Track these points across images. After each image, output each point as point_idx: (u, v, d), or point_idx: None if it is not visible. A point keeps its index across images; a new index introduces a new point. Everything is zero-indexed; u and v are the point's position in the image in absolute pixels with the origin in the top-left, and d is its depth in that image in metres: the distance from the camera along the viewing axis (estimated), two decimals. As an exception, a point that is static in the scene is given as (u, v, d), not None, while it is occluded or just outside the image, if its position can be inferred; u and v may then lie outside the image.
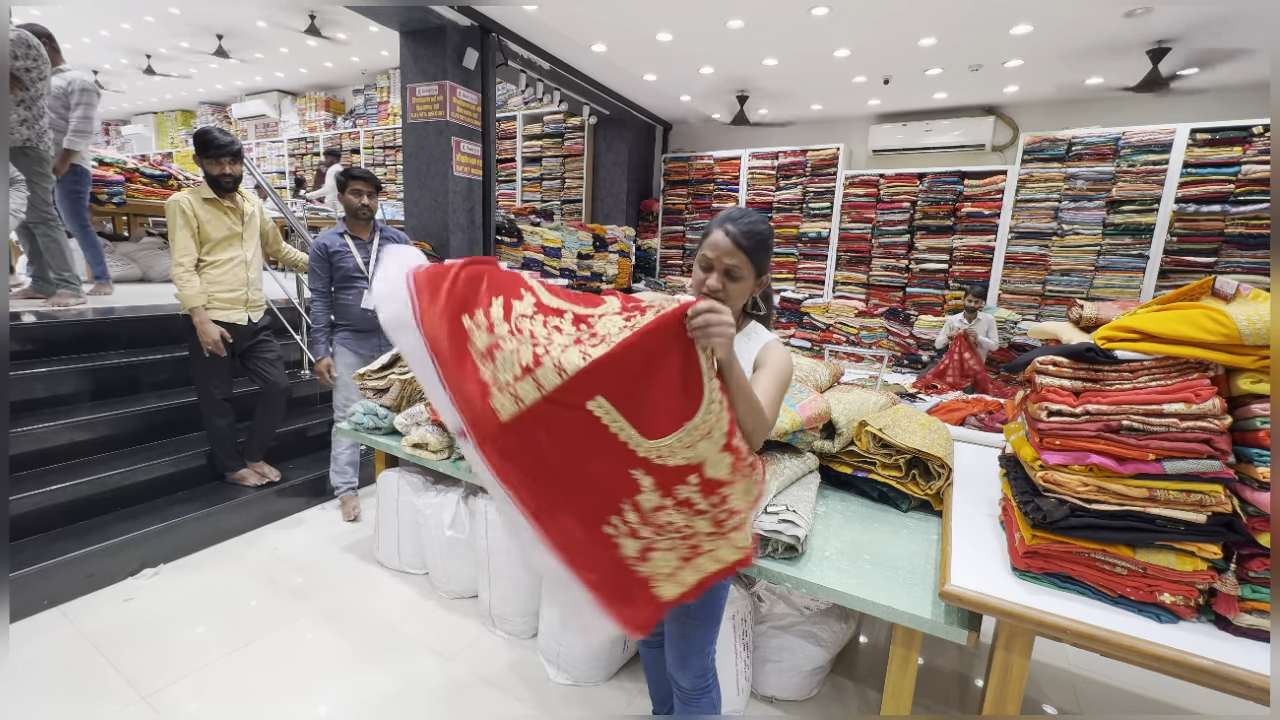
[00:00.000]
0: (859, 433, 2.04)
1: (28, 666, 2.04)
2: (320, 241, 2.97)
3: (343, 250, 2.97)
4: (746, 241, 1.24)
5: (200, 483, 3.08)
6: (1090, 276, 5.59)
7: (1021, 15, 4.03)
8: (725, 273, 1.26)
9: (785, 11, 4.16)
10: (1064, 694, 2.10)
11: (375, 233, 3.07)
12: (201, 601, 2.45)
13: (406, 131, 4.93)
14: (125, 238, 5.86)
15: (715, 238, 1.26)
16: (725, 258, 1.24)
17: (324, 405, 3.97)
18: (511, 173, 8.15)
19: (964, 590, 1.32)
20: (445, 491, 2.57)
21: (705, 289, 1.27)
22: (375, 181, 3.00)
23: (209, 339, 2.72)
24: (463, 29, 4.64)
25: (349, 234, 3.01)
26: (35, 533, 2.52)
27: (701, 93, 6.21)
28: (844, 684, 2.10)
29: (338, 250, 2.96)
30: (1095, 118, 5.68)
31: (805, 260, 7.05)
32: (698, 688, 1.44)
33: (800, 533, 1.61)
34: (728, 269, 1.25)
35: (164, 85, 9.85)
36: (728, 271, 1.26)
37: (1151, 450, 1.22)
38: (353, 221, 3.02)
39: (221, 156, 2.70)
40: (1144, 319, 1.29)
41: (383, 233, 3.10)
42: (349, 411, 2.73)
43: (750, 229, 1.25)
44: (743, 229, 1.25)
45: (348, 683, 2.04)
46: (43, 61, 3.33)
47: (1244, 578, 1.20)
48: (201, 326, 2.72)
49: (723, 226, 1.26)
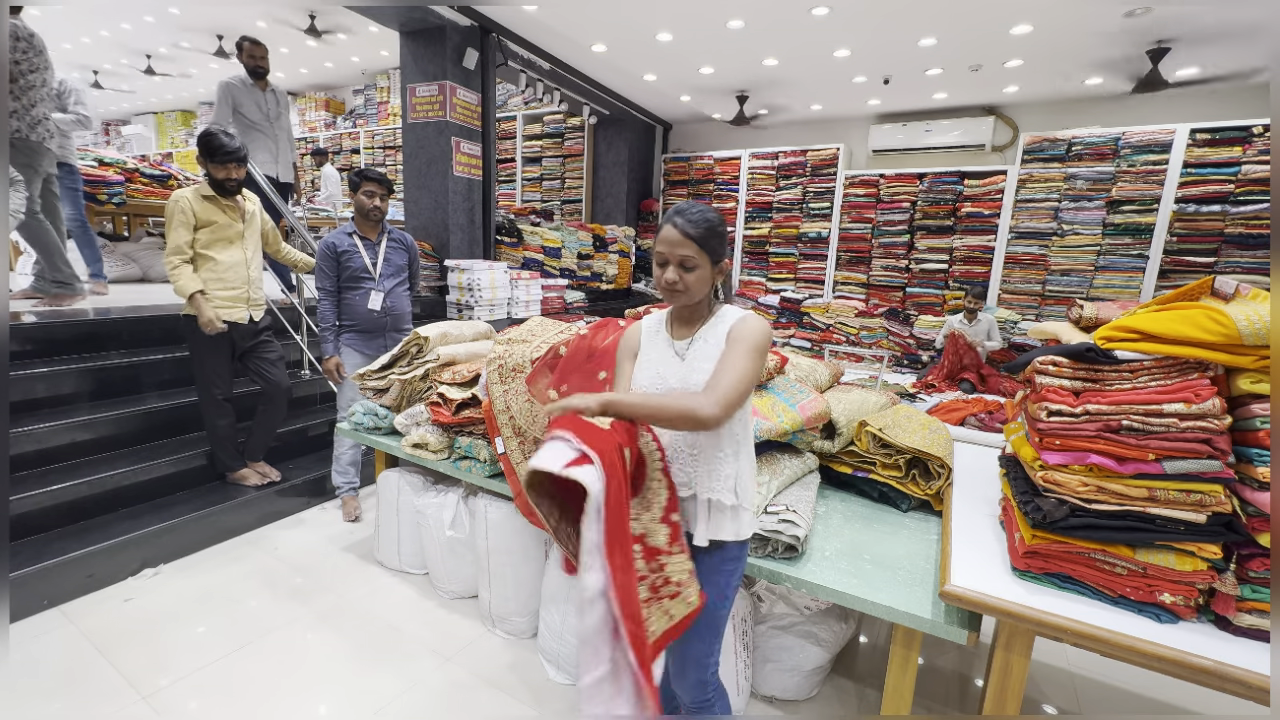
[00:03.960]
0: (859, 433, 2.04)
1: (28, 666, 2.04)
2: (329, 241, 2.97)
3: (351, 250, 2.97)
4: (695, 231, 1.27)
5: (200, 483, 3.08)
6: (1090, 276, 5.59)
7: (1021, 15, 4.04)
8: (680, 264, 1.29)
9: (785, 11, 4.16)
10: (1064, 694, 2.10)
11: (383, 234, 3.08)
12: (201, 601, 2.45)
13: (406, 131, 4.94)
14: (125, 238, 5.86)
15: (666, 232, 1.29)
16: (678, 249, 1.27)
17: (324, 405, 3.96)
18: (511, 173, 8.15)
19: (964, 590, 1.32)
20: (445, 491, 2.57)
21: (664, 283, 1.31)
22: (388, 184, 3.02)
23: (205, 319, 2.70)
24: (463, 29, 4.64)
25: (357, 234, 3.01)
26: (35, 533, 2.52)
27: (701, 93, 6.21)
28: (844, 684, 2.10)
29: (346, 250, 2.96)
30: (1095, 118, 5.68)
31: (805, 260, 7.06)
32: (696, 701, 1.40)
33: (800, 533, 1.61)
34: (681, 260, 1.28)
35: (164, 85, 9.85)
36: (682, 263, 1.28)
37: (1151, 450, 1.22)
38: (362, 222, 3.02)
39: (228, 162, 2.71)
40: (1144, 319, 1.29)
41: (390, 234, 3.11)
42: (349, 411, 2.73)
43: (699, 218, 1.28)
44: (690, 219, 1.28)
45: (348, 683, 2.03)
46: (35, 53, 3.30)
47: (1244, 578, 1.20)
48: (200, 310, 2.70)
49: (671, 220, 1.29)
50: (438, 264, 4.95)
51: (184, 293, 2.70)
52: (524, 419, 2.03)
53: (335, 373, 3.01)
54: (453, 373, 2.43)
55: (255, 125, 4.41)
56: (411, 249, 3.21)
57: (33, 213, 3.50)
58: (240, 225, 2.87)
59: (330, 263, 2.96)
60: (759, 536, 1.65)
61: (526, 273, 5.30)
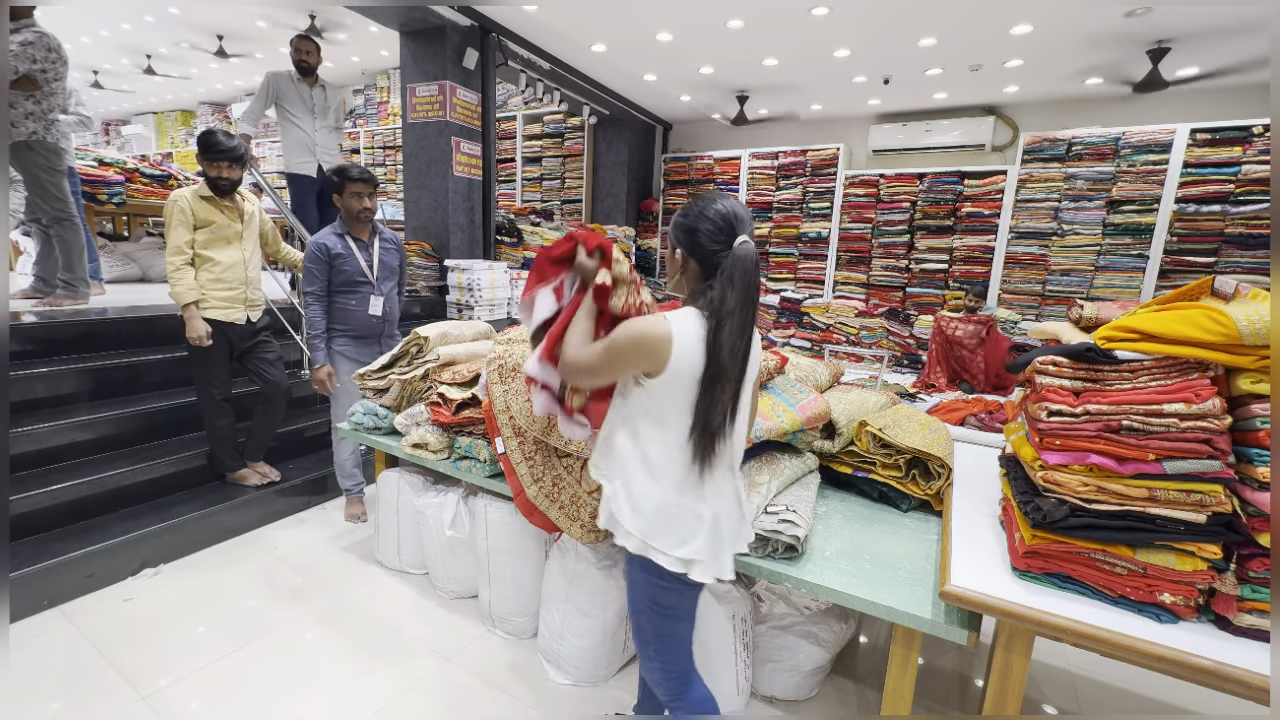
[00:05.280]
0: (859, 433, 2.04)
1: (28, 666, 2.04)
2: (320, 242, 2.78)
3: (345, 253, 2.81)
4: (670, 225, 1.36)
5: (200, 483, 3.08)
6: (1090, 276, 5.59)
7: (1021, 15, 4.03)
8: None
9: (785, 11, 4.16)
10: (1064, 694, 2.10)
11: (374, 234, 2.93)
12: (201, 601, 2.45)
13: (406, 131, 4.94)
14: (125, 238, 5.86)
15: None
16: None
17: (323, 405, 3.96)
18: (511, 173, 8.15)
19: (964, 590, 1.32)
20: (445, 491, 2.57)
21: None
22: (375, 181, 2.85)
23: (194, 334, 2.72)
24: (463, 29, 4.64)
25: (349, 235, 2.84)
26: (35, 533, 2.52)
27: (701, 93, 6.21)
28: (844, 684, 2.10)
29: (340, 253, 2.79)
30: (1095, 118, 5.68)
31: (805, 260, 7.06)
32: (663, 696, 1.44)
33: (800, 533, 1.61)
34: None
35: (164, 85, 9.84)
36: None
37: (1151, 450, 1.22)
38: (353, 224, 2.85)
39: (220, 160, 2.70)
40: (1144, 319, 1.29)
41: (381, 234, 2.97)
42: (349, 411, 2.72)
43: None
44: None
45: (348, 682, 2.03)
46: (61, 63, 3.38)
47: (1244, 578, 1.20)
48: (190, 322, 2.71)
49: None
50: (438, 264, 4.95)
51: (179, 301, 2.70)
52: (524, 419, 2.03)
53: (327, 382, 2.85)
54: (453, 373, 2.43)
55: (296, 121, 4.40)
56: (401, 250, 3.07)
57: (64, 217, 3.54)
58: (239, 225, 2.87)
59: (322, 266, 2.77)
60: (759, 536, 1.65)
61: (526, 273, 5.30)
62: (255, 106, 4.37)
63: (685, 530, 1.26)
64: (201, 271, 2.77)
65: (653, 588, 1.33)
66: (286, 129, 4.44)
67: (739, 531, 1.35)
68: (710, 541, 1.27)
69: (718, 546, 1.28)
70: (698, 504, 1.26)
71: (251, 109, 4.37)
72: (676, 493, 1.26)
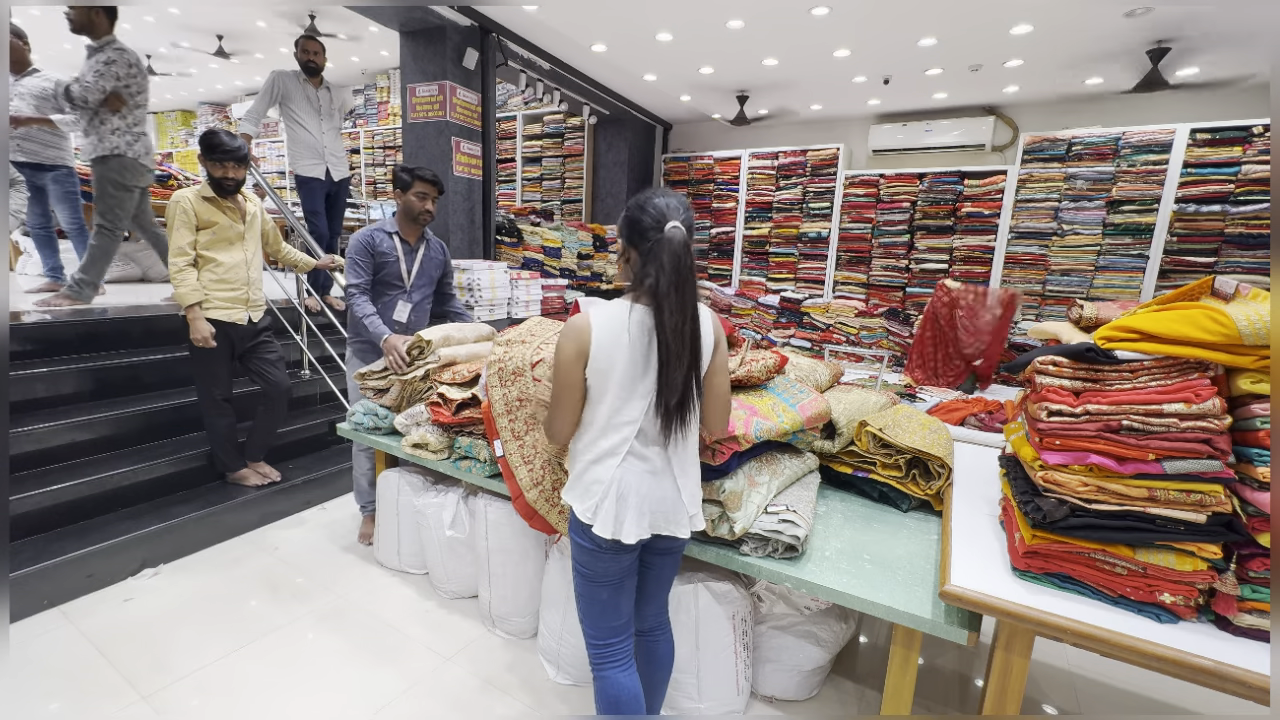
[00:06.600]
0: (859, 433, 2.04)
1: (28, 666, 2.04)
2: (367, 236, 2.68)
3: (389, 253, 2.72)
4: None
5: (200, 483, 3.08)
6: (1090, 276, 5.59)
7: (1021, 15, 4.03)
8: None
9: (785, 12, 4.16)
10: (1064, 694, 2.10)
11: (423, 240, 2.83)
12: (202, 601, 2.45)
13: (406, 131, 4.93)
14: (125, 238, 5.85)
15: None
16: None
17: (324, 405, 3.97)
18: (511, 173, 8.15)
19: (964, 590, 1.32)
20: (445, 492, 2.57)
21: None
22: (441, 186, 2.77)
23: (198, 335, 2.72)
24: (463, 29, 4.64)
25: (399, 235, 2.75)
26: (35, 533, 2.52)
27: (701, 93, 6.21)
28: (844, 684, 2.10)
29: (384, 252, 2.71)
30: (1095, 118, 5.68)
31: (805, 260, 7.05)
32: (590, 661, 1.54)
33: (800, 533, 1.61)
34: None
35: (164, 85, 9.84)
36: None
37: (1151, 450, 1.22)
38: (407, 224, 2.75)
39: (225, 160, 2.69)
40: (1144, 319, 1.29)
41: (430, 242, 2.87)
42: (349, 412, 2.72)
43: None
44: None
45: (348, 682, 2.04)
46: (141, 76, 3.51)
47: (1244, 578, 1.20)
48: (194, 323, 2.71)
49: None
50: (438, 264, 4.94)
51: (183, 302, 2.70)
52: (523, 422, 2.03)
53: (399, 349, 2.57)
54: (453, 373, 2.43)
55: (301, 122, 4.36)
56: (447, 262, 3.00)
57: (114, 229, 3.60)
58: (241, 226, 2.87)
59: (366, 258, 2.68)
60: (759, 536, 1.65)
61: (526, 273, 5.30)
62: (259, 106, 4.32)
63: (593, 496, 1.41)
64: (204, 272, 2.77)
65: (575, 547, 1.49)
66: (292, 131, 4.39)
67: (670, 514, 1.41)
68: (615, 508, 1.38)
69: (621, 512, 1.38)
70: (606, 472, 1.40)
71: (255, 108, 4.32)
72: (593, 461, 1.41)
